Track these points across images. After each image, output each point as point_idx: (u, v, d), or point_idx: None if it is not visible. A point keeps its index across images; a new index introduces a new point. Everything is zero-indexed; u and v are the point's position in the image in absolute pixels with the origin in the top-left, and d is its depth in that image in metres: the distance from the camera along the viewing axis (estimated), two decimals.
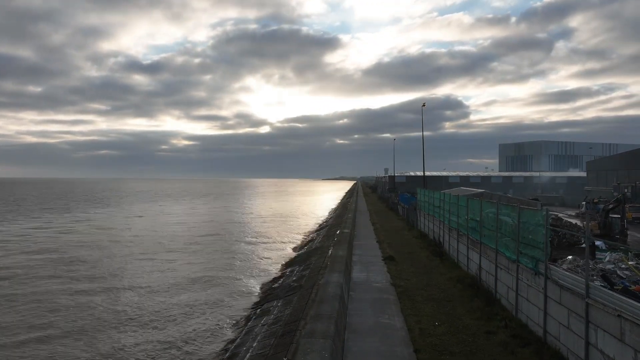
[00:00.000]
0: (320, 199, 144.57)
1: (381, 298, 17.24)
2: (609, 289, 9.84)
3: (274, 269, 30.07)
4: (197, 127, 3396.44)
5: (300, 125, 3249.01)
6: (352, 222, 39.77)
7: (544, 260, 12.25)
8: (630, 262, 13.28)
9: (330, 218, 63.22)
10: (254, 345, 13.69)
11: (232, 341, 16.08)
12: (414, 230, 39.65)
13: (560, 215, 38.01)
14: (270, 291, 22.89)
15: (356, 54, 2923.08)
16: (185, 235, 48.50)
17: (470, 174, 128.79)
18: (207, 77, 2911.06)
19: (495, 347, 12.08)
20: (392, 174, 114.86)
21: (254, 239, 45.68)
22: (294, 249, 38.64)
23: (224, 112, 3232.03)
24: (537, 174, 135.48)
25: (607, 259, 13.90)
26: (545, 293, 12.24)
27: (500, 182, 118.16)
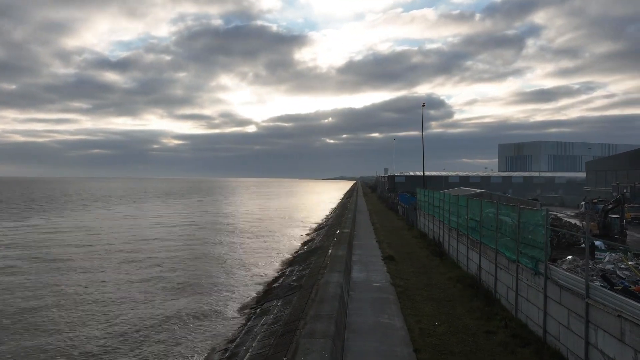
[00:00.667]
0: (332, 197, 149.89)
1: (381, 298, 17.25)
2: (608, 289, 9.85)
3: (273, 270, 30.04)
4: (183, 126, 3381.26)
5: (286, 124, 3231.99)
6: (352, 222, 39.77)
7: (544, 260, 12.26)
8: (629, 262, 13.29)
9: (330, 218, 63.24)
10: (254, 345, 13.69)
11: (231, 341, 16.08)
12: (413, 230, 39.67)
13: (559, 215, 38.05)
14: (270, 291, 22.89)
15: (325, 51, 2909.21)
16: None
17: (470, 174, 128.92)
18: (182, 75, 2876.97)
19: (495, 347, 12.09)
20: (392, 174, 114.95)
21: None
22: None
23: (206, 111, 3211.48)
24: (537, 174, 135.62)
25: (606, 259, 13.91)
26: (545, 293, 12.24)
27: (500, 182, 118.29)
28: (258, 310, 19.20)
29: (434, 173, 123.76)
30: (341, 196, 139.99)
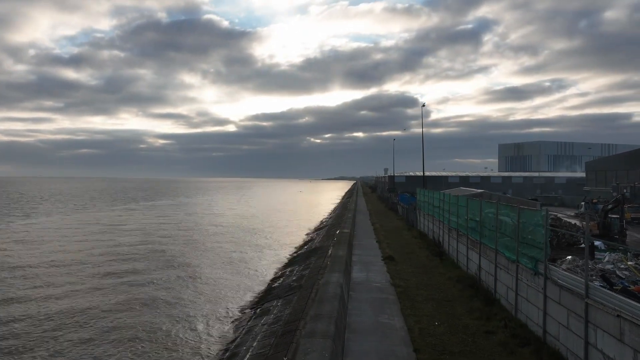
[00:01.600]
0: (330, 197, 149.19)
1: (381, 298, 17.27)
2: (608, 289, 9.87)
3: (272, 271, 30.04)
4: (163, 125, 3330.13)
5: (265, 123, 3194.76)
6: (351, 222, 39.79)
7: (544, 261, 12.28)
8: (629, 262, 13.31)
9: (330, 218, 63.22)
10: (254, 345, 13.71)
11: (232, 341, 16.10)
12: (413, 230, 39.69)
13: (559, 215, 38.05)
14: (270, 291, 22.90)
15: (281, 48, 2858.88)
16: None
17: (470, 174, 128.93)
18: (142, 72, 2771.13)
19: (495, 347, 12.11)
20: (392, 174, 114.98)
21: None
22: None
23: (181, 110, 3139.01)
24: (537, 174, 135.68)
25: (606, 259, 13.92)
26: (544, 293, 12.26)
27: (500, 182, 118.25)
28: (258, 310, 19.21)
29: (433, 173, 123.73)
30: (335, 198, 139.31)
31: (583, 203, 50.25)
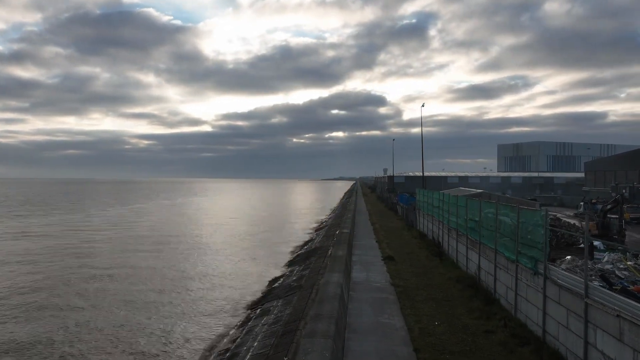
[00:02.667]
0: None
1: (381, 298, 17.30)
2: (607, 289, 9.90)
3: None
4: (138, 125, 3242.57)
5: (240, 123, 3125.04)
6: (351, 222, 39.82)
7: (543, 260, 12.31)
8: (628, 262, 13.35)
9: (330, 218, 63.26)
10: (255, 345, 13.74)
11: (232, 341, 16.12)
12: (413, 231, 39.72)
13: (558, 215, 38.12)
14: (270, 291, 22.92)
15: (226, 43, 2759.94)
16: None
17: (469, 174, 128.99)
18: (93, 71, 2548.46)
19: (495, 347, 12.15)
20: (391, 174, 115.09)
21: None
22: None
23: (149, 110, 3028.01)
24: (536, 174, 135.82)
25: (605, 259, 13.96)
26: (544, 293, 12.30)
27: (499, 183, 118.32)
28: (258, 310, 19.23)
29: (433, 173, 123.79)
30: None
31: (582, 203, 50.32)
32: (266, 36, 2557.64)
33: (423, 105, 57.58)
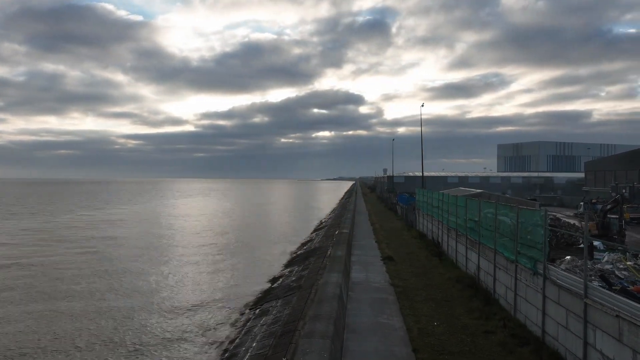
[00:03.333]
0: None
1: (380, 298, 17.27)
2: (607, 289, 9.87)
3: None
4: (120, 125, 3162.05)
5: (222, 122, 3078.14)
6: (351, 222, 39.80)
7: (543, 261, 12.28)
8: (628, 263, 13.31)
9: (330, 218, 63.22)
10: (253, 345, 13.71)
11: (231, 341, 16.09)
12: (412, 231, 39.69)
13: (558, 215, 38.08)
14: (269, 291, 22.89)
15: (190, 39, 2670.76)
16: None
17: (469, 174, 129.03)
18: (56, 68, 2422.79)
19: (494, 347, 12.12)
20: (391, 174, 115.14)
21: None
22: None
23: (127, 109, 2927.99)
24: (536, 174, 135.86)
25: (605, 259, 13.92)
26: (543, 293, 12.27)
27: (499, 183, 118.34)
28: (257, 310, 19.20)
29: (432, 173, 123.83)
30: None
31: (582, 203, 50.26)
32: (225, 32, 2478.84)
33: (422, 105, 57.59)
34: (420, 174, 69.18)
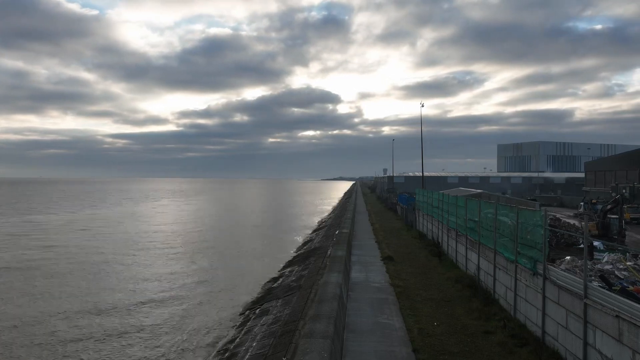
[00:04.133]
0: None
1: (380, 298, 17.28)
2: (607, 290, 9.88)
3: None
4: (102, 124, 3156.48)
5: (202, 121, 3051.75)
6: (351, 222, 39.79)
7: (542, 261, 12.29)
8: (628, 263, 13.32)
9: (330, 218, 63.21)
10: (253, 345, 13.72)
11: (231, 341, 16.10)
12: (412, 231, 39.70)
13: (558, 215, 38.08)
14: (269, 291, 22.90)
15: (152, 35, 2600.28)
16: None
17: (469, 174, 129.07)
18: (15, 65, 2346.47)
19: (494, 347, 12.13)
20: (391, 175, 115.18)
21: None
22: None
23: (104, 108, 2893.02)
24: (536, 174, 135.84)
25: (605, 259, 13.94)
26: (543, 293, 12.28)
27: (499, 183, 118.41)
28: (257, 310, 19.21)
29: (432, 174, 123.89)
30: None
31: (582, 203, 50.26)
32: (180, 28, 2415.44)
33: (422, 105, 57.55)
34: (420, 174, 69.17)
